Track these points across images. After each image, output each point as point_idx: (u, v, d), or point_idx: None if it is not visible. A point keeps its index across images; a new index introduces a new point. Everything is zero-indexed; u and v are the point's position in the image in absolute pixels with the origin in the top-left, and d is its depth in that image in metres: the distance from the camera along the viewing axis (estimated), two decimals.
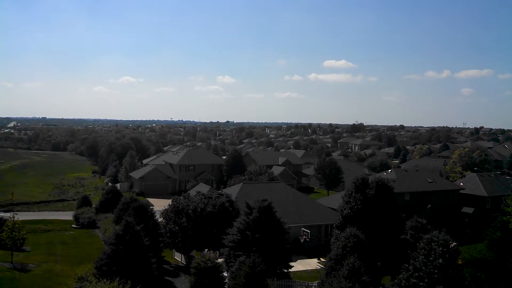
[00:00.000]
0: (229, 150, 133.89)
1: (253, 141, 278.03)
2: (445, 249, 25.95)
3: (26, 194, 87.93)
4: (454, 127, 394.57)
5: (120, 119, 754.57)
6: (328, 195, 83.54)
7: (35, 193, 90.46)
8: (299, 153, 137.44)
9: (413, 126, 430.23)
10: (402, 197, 58.69)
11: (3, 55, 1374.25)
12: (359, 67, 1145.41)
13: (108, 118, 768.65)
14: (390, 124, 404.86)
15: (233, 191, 54.85)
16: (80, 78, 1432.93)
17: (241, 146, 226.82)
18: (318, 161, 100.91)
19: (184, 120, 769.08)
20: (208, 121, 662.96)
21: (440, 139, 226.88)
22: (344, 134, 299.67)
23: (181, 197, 45.66)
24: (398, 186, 57.80)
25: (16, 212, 48.74)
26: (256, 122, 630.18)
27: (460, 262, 26.85)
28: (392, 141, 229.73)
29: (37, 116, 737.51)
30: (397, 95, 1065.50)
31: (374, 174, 74.36)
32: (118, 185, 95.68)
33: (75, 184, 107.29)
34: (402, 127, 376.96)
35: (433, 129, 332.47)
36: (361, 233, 31.12)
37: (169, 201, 46.47)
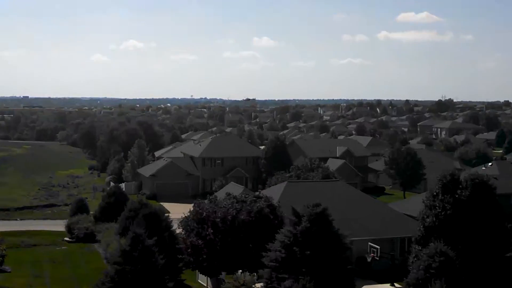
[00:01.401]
0: (268, 138, 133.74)
1: (301, 125, 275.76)
2: None
3: (4, 197, 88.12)
4: None
5: (124, 97, 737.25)
6: (405, 197, 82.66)
7: (16, 196, 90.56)
8: (364, 140, 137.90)
9: None
10: (507, 200, 57.38)
11: None
12: (447, 22, 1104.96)
13: (109, 96, 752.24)
14: (490, 100, 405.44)
15: (274, 192, 55.00)
16: (72, 44, 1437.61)
17: (285, 132, 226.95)
18: (390, 151, 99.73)
19: (208, 98, 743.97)
20: (240, 98, 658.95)
21: None
22: (426, 115, 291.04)
23: (206, 201, 46.12)
24: (502, 185, 57.02)
25: None
26: (305, 100, 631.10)
27: None
28: (494, 123, 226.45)
29: (17, 96, 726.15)
30: (500, 60, 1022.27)
31: (468, 169, 73.33)
32: (123, 185, 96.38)
33: (68, 184, 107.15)
34: (507, 103, 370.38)
35: None
36: (450, 249, 31.02)
37: (190, 207, 47.11)
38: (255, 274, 36.82)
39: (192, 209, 45.17)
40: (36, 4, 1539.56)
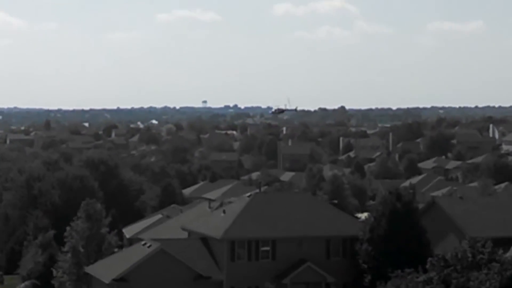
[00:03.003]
0: (378, 194, 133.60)
1: (452, 165, 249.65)
2: None
3: None
4: None
5: (56, 107, 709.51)
6: None
7: None
8: None
9: None
10: None
11: None
12: None
13: (22, 106, 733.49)
14: None
15: None
16: None
17: (415, 180, 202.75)
18: None
19: (241, 106, 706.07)
20: (313, 107, 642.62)
21: None
22: None
23: None
24: None
25: None
26: (460, 108, 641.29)
27: None
28: None
29: None
30: None
31: None
32: None
33: None
34: None
35: None
36: None
37: None
38: None
39: None
40: None
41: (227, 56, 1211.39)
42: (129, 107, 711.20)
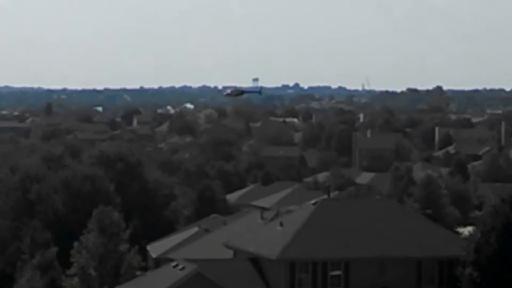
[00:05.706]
0: (487, 201, 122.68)
1: None
2: None
3: None
4: None
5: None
6: None
7: None
8: None
9: None
10: None
11: None
12: None
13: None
14: None
15: None
16: None
17: None
18: None
19: (304, 86, 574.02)
20: (398, 88, 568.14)
21: None
22: None
23: None
24: None
25: None
26: None
27: None
28: None
29: None
30: None
31: None
32: None
33: None
34: None
35: None
36: None
37: None
38: None
39: None
40: None
41: (285, 20, 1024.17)
42: (155, 86, 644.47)
